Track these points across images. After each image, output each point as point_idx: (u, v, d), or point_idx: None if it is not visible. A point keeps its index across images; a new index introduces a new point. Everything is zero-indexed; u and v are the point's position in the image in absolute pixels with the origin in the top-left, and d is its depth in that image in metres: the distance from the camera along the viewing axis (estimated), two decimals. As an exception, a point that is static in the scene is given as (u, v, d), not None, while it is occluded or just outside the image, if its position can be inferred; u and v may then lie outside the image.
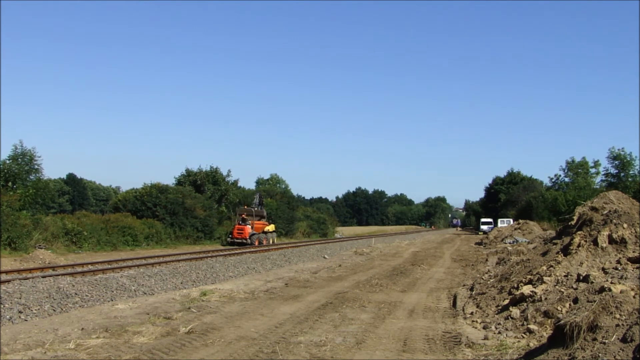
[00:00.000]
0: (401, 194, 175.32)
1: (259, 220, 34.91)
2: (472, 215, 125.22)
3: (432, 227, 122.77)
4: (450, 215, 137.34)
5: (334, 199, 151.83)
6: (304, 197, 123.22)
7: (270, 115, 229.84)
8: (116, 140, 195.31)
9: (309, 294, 12.58)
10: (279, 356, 6.85)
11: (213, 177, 43.65)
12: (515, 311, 8.64)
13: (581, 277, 8.64)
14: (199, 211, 34.96)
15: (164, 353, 6.95)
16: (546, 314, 7.86)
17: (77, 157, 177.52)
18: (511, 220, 51.06)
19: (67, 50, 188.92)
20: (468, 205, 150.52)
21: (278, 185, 71.50)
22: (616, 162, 43.95)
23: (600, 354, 4.91)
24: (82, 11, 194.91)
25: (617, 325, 5.33)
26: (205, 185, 42.44)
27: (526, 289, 9.14)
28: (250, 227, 31.79)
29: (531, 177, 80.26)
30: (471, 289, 12.78)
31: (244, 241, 30.95)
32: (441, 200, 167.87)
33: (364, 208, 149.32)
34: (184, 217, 33.60)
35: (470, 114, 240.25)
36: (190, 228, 33.65)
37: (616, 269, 8.65)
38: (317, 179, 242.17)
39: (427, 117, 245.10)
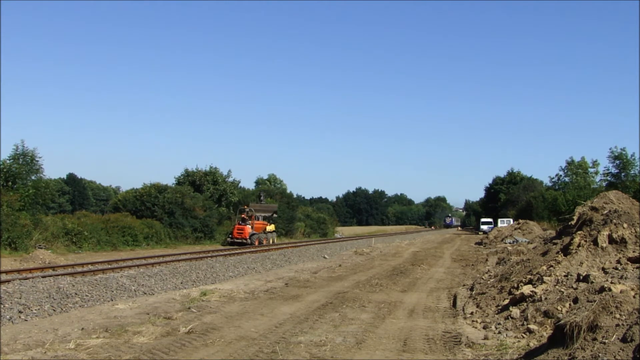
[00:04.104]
0: (401, 194, 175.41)
1: (269, 215, 36.04)
2: (472, 215, 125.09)
3: (432, 227, 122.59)
4: (450, 215, 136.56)
5: (334, 199, 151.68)
6: (304, 197, 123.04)
7: (271, 115, 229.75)
8: (116, 140, 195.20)
9: (309, 293, 12.58)
10: (279, 356, 6.85)
11: (212, 177, 43.65)
12: (515, 311, 8.64)
13: (581, 277, 8.64)
14: (198, 211, 34.95)
15: (164, 353, 6.95)
16: (546, 314, 7.86)
17: (77, 157, 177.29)
18: (511, 220, 51.01)
19: (67, 50, 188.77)
20: (468, 205, 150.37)
21: (275, 184, 71.54)
22: (617, 162, 43.99)
23: (600, 354, 4.91)
24: (82, 11, 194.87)
25: (617, 325, 5.33)
26: (204, 185, 42.42)
27: (526, 289, 9.14)
28: (250, 227, 31.81)
29: (531, 177, 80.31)
30: (471, 289, 12.78)
31: (244, 241, 30.96)
32: (441, 200, 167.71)
33: (364, 208, 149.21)
34: (182, 217, 33.59)
35: (470, 114, 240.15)
36: (189, 228, 33.65)
37: (616, 268, 8.65)
38: (317, 179, 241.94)
39: (428, 117, 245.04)
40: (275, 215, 37.86)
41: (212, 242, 34.93)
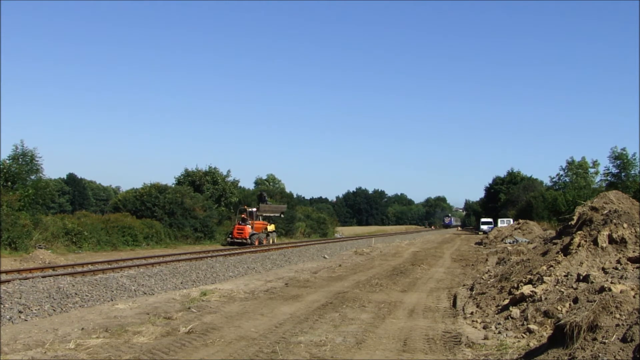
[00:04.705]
0: (401, 194, 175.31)
1: (277, 215, 37.59)
2: (472, 215, 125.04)
3: (432, 227, 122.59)
4: (449, 215, 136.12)
5: (334, 199, 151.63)
6: (303, 197, 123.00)
7: (271, 116, 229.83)
8: (116, 140, 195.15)
9: (309, 293, 12.58)
10: (279, 356, 6.85)
11: (212, 177, 43.66)
12: (515, 311, 8.64)
13: (581, 277, 8.64)
14: (198, 211, 34.96)
15: (164, 353, 6.95)
16: (546, 314, 7.86)
17: (77, 157, 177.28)
18: (511, 220, 51.02)
19: (67, 50, 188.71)
20: (468, 205, 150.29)
21: (274, 184, 71.67)
22: (617, 162, 43.98)
23: (600, 354, 4.91)
24: (82, 11, 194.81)
25: (617, 325, 5.33)
26: (204, 185, 42.44)
27: (526, 289, 9.14)
28: (250, 227, 31.83)
29: (531, 177, 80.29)
30: (471, 289, 12.78)
31: (244, 241, 30.98)
32: (441, 200, 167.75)
33: (364, 208, 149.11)
34: (182, 217, 33.60)
35: (470, 114, 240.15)
36: (189, 228, 33.66)
37: (616, 268, 8.66)
38: (317, 179, 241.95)
39: (428, 117, 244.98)
40: (282, 215, 38.90)
41: (212, 242, 34.94)
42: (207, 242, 34.63)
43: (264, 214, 35.06)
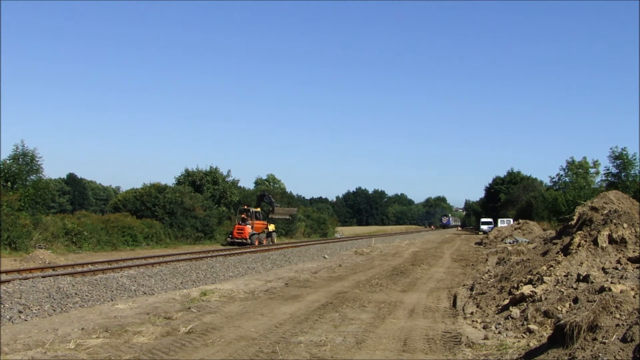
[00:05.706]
0: (401, 194, 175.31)
1: (288, 218, 39.43)
2: (472, 215, 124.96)
3: (432, 226, 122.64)
4: (447, 214, 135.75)
5: (334, 199, 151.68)
6: (304, 197, 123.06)
7: (271, 116, 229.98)
8: (116, 140, 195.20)
9: (309, 293, 12.58)
10: (279, 356, 6.85)
11: (212, 177, 43.68)
12: (515, 311, 8.64)
13: (581, 277, 8.64)
14: (198, 211, 34.98)
15: (164, 353, 6.95)
16: (546, 314, 7.86)
17: (77, 157, 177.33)
18: (511, 220, 51.00)
19: (67, 50, 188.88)
20: (468, 205, 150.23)
21: (274, 185, 71.70)
22: (617, 161, 43.88)
23: (600, 354, 4.90)
24: (82, 11, 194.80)
25: (617, 325, 5.33)
26: (204, 185, 42.45)
27: (526, 289, 9.14)
28: (250, 227, 31.85)
29: (531, 177, 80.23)
30: (471, 289, 12.78)
31: (244, 241, 30.99)
32: (441, 200, 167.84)
33: (364, 208, 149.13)
34: (182, 217, 33.62)
35: (470, 114, 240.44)
36: (189, 228, 33.67)
37: (616, 268, 8.66)
38: (317, 179, 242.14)
39: (427, 117, 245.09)
40: (290, 218, 40.87)
41: (212, 242, 34.95)
42: (207, 242, 34.64)
43: (276, 217, 36.29)
